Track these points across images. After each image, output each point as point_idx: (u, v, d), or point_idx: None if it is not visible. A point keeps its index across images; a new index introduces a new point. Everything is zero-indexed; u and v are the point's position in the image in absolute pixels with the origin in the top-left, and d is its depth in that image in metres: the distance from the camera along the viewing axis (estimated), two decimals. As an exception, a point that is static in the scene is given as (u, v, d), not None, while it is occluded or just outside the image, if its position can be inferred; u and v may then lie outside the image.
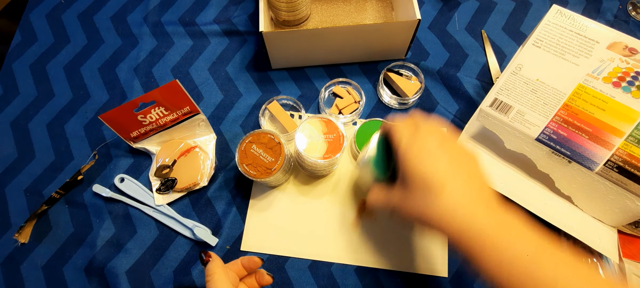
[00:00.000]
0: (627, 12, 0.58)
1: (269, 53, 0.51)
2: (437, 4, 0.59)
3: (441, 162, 0.31)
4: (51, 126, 0.53)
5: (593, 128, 0.38)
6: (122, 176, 0.49)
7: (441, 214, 0.30)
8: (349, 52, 0.53)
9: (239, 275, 0.36)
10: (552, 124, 0.40)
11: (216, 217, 0.48)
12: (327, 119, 0.43)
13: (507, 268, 0.27)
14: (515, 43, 0.57)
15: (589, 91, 0.39)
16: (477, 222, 0.29)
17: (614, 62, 0.39)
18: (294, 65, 0.55)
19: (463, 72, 0.54)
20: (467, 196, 0.30)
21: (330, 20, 0.57)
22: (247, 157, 0.42)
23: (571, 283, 0.26)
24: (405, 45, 0.52)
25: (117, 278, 0.45)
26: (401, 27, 0.48)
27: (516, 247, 0.28)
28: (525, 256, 0.27)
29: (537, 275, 0.27)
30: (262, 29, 0.46)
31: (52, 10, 0.60)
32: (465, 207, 0.29)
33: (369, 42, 0.51)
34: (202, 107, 0.52)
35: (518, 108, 0.42)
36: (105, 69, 0.56)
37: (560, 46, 0.41)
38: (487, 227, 0.29)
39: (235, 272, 0.35)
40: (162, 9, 0.60)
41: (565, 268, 0.27)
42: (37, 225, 0.48)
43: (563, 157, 0.40)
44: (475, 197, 0.30)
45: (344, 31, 0.47)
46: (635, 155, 0.37)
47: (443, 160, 0.31)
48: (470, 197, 0.30)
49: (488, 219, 0.29)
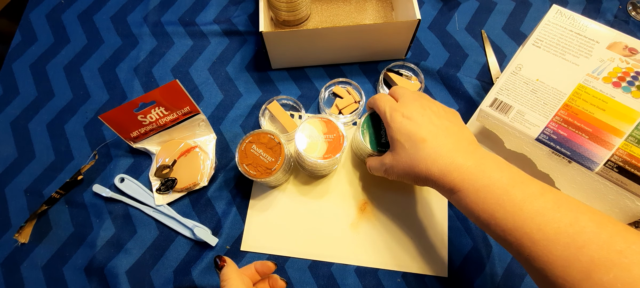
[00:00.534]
0: (627, 12, 0.58)
1: (269, 53, 0.51)
2: (437, 4, 0.59)
3: (422, 120, 0.36)
4: (51, 126, 0.53)
5: (593, 128, 0.38)
6: (122, 176, 0.49)
7: (425, 159, 0.34)
8: (349, 52, 0.53)
9: (252, 280, 0.36)
10: (552, 123, 0.40)
11: (216, 217, 0.48)
12: (327, 119, 0.43)
13: (483, 195, 0.31)
14: (515, 43, 0.57)
15: (589, 91, 0.39)
16: (457, 161, 0.33)
17: (614, 62, 0.39)
18: (294, 65, 0.55)
19: (463, 72, 0.54)
20: (449, 143, 0.34)
21: (330, 20, 0.57)
22: (247, 157, 0.42)
23: (536, 206, 0.29)
24: (405, 45, 0.52)
25: (117, 278, 0.45)
26: (401, 27, 0.48)
27: (491, 176, 0.31)
28: (499, 183, 0.31)
29: (508, 198, 0.30)
30: (262, 29, 0.46)
31: (52, 10, 0.60)
32: (446, 151, 0.33)
33: (369, 42, 0.51)
34: (202, 107, 0.52)
35: (518, 108, 0.42)
36: (105, 69, 0.56)
37: (561, 46, 0.41)
38: (466, 163, 0.32)
39: (248, 276, 0.35)
40: (162, 9, 0.60)
41: (534, 194, 0.30)
42: (37, 225, 0.48)
43: (563, 157, 0.40)
44: (455, 142, 0.34)
45: (343, 31, 0.47)
46: (635, 155, 0.37)
47: (423, 117, 0.36)
48: (451, 143, 0.34)
49: (466, 158, 0.33)
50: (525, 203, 0.29)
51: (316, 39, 0.49)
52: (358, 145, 0.45)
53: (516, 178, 0.31)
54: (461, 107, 0.53)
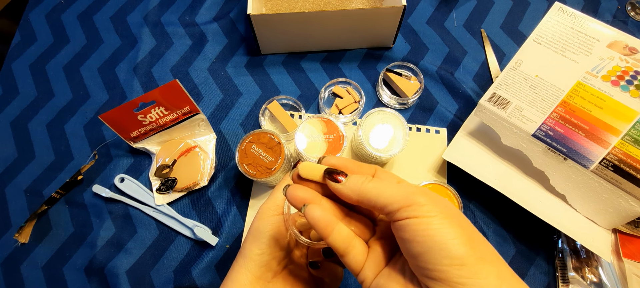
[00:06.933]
0: (626, 12, 0.58)
1: (258, 37, 0.51)
2: (435, 0, 0.60)
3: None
4: (51, 126, 0.53)
5: (590, 126, 0.39)
6: (122, 176, 0.49)
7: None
8: (337, 38, 0.54)
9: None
10: (549, 120, 0.40)
11: (216, 216, 0.48)
12: (327, 119, 0.44)
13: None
14: (513, 41, 0.57)
15: (588, 89, 0.39)
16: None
17: (614, 60, 0.39)
18: (282, 51, 0.56)
19: (462, 72, 0.55)
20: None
21: (320, 5, 0.57)
22: (247, 157, 0.42)
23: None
24: (393, 32, 0.53)
25: (117, 278, 0.45)
26: (387, 13, 0.49)
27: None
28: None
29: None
30: (250, 11, 0.46)
31: (51, 10, 0.60)
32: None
33: (356, 27, 0.51)
34: (202, 107, 0.52)
35: (516, 103, 0.42)
36: (104, 69, 0.56)
37: (561, 43, 0.42)
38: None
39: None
40: (161, 9, 0.60)
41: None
42: (37, 225, 0.48)
43: (559, 154, 0.40)
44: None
45: (330, 16, 0.48)
46: (630, 154, 0.37)
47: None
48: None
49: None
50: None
51: (304, 23, 0.49)
52: (358, 145, 0.45)
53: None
54: (461, 106, 0.53)
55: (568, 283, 0.43)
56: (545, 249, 0.45)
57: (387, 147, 0.44)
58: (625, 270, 0.41)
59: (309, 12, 0.46)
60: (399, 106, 0.53)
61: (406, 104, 0.52)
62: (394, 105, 0.53)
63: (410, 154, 0.49)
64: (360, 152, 0.46)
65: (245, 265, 0.29)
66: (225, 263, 0.45)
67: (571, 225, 0.41)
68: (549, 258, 0.45)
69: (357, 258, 0.24)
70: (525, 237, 0.46)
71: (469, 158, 0.46)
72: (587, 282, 0.42)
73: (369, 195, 0.23)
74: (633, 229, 0.42)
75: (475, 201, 0.48)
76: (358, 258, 0.24)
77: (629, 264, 0.41)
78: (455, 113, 0.52)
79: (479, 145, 0.47)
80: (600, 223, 0.41)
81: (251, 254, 0.29)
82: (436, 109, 0.53)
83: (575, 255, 0.44)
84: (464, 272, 0.19)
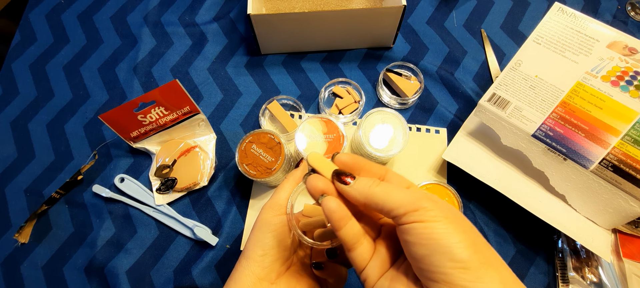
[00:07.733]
0: (626, 12, 0.58)
1: (258, 37, 0.51)
2: (435, 0, 0.60)
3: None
4: (51, 126, 0.53)
5: (589, 126, 0.39)
6: (122, 176, 0.49)
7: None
8: (337, 38, 0.54)
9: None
10: (549, 120, 0.40)
11: (216, 216, 0.48)
12: (327, 119, 0.44)
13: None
14: (513, 42, 0.57)
15: (587, 89, 0.39)
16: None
17: (614, 60, 0.39)
18: (282, 51, 0.56)
19: (462, 72, 0.55)
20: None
21: (320, 5, 0.57)
22: (247, 157, 0.42)
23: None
24: (393, 32, 0.53)
25: (117, 278, 0.45)
26: (387, 13, 0.49)
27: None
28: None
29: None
30: (250, 11, 0.46)
31: (51, 10, 0.60)
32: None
33: (356, 27, 0.51)
34: (202, 107, 0.52)
35: (516, 104, 0.42)
36: (104, 69, 0.56)
37: (561, 43, 0.42)
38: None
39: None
40: (161, 9, 0.60)
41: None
42: (37, 225, 0.48)
43: (558, 154, 0.40)
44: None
45: (330, 16, 0.48)
46: (630, 155, 0.37)
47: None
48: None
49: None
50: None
51: (304, 23, 0.49)
52: (358, 145, 0.45)
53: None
54: (461, 106, 0.53)
55: (568, 283, 0.43)
56: (545, 249, 0.45)
57: (387, 147, 0.44)
58: (625, 270, 0.41)
59: (309, 12, 0.46)
60: (399, 106, 0.53)
61: (406, 104, 0.52)
62: (394, 105, 0.53)
63: (410, 154, 0.49)
64: (360, 152, 0.46)
65: (249, 267, 0.29)
66: (225, 263, 0.45)
67: (571, 225, 0.41)
68: (549, 258, 0.45)
69: (363, 255, 0.25)
70: (525, 237, 0.46)
71: (469, 158, 0.46)
72: (587, 282, 0.42)
73: (376, 199, 0.23)
74: (633, 229, 0.42)
75: (475, 201, 0.48)
76: (364, 255, 0.25)
77: (629, 264, 0.41)
78: (455, 113, 0.52)
79: (478, 145, 0.47)
80: (600, 224, 0.41)
81: (254, 255, 0.29)
82: (436, 109, 0.53)
83: (575, 255, 0.44)
84: (467, 276, 0.20)
